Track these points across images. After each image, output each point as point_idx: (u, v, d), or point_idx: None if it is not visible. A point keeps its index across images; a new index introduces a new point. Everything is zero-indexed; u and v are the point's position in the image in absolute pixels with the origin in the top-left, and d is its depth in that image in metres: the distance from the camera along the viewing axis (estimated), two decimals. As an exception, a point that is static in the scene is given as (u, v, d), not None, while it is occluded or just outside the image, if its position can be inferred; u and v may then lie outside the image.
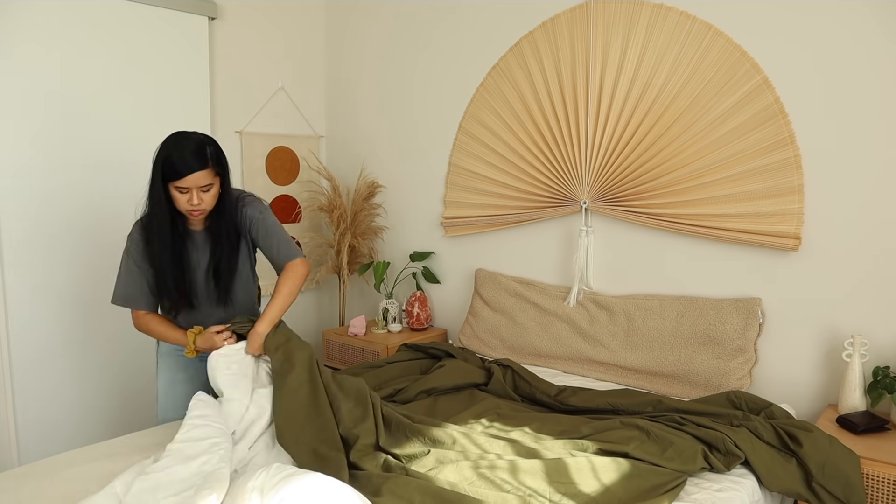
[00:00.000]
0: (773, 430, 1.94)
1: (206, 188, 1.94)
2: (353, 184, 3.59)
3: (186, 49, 3.06)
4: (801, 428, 1.91)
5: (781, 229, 2.34)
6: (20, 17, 2.55)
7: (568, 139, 2.80)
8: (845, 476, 1.80)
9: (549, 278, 2.97)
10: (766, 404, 2.11)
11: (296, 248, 2.17)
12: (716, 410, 2.07)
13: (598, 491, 1.64)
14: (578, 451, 1.83)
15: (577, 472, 1.70)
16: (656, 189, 2.61)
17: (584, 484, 1.67)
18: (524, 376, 2.42)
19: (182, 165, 1.88)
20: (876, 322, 2.23)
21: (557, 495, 1.62)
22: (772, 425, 1.95)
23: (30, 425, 2.67)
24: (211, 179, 1.95)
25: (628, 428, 1.94)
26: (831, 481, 1.80)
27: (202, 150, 1.92)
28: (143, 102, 2.93)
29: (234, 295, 2.15)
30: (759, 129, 2.37)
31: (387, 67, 3.50)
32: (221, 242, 2.06)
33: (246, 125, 3.39)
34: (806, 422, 1.97)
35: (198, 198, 1.93)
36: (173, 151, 1.90)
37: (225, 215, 2.06)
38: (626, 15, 2.63)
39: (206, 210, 1.99)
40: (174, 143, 1.92)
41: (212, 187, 1.96)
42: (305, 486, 1.42)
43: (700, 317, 2.47)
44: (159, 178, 1.92)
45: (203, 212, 1.98)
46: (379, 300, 3.54)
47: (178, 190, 1.92)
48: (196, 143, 1.93)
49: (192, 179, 1.89)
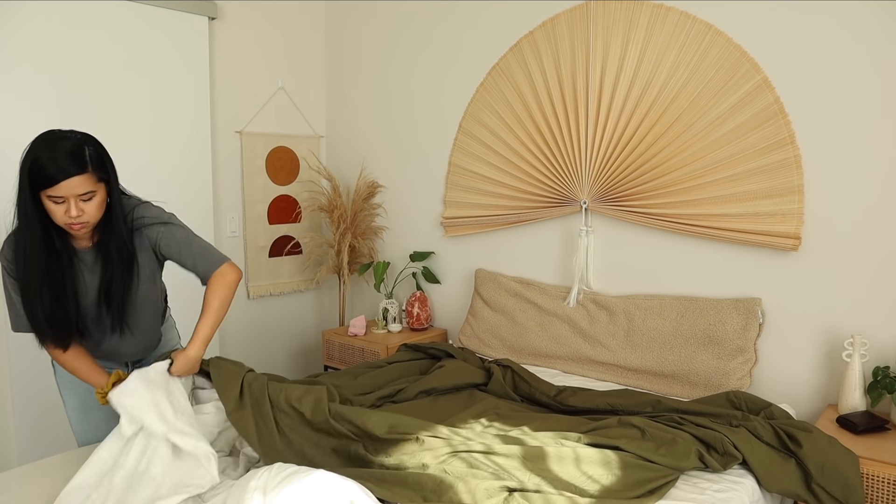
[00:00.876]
0: (772, 431, 1.93)
1: (86, 197, 1.63)
2: (353, 184, 3.59)
3: (186, 49, 3.06)
4: (801, 428, 1.91)
5: (781, 229, 2.34)
6: (20, 17, 2.55)
7: (568, 139, 2.80)
8: (844, 477, 1.80)
9: (549, 278, 2.97)
10: (766, 404, 2.11)
11: (217, 253, 1.88)
12: (715, 411, 2.06)
13: (576, 478, 1.63)
14: (568, 442, 1.82)
15: (558, 460, 1.68)
16: (656, 189, 2.60)
17: (563, 472, 1.65)
18: (524, 377, 2.42)
19: (54, 169, 1.57)
20: (876, 322, 2.23)
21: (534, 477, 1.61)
22: (771, 426, 1.95)
23: (30, 425, 2.67)
24: (92, 186, 1.63)
25: (625, 426, 1.94)
26: (830, 482, 1.79)
27: (79, 152, 1.61)
28: (143, 102, 2.93)
29: (133, 319, 1.87)
30: (759, 129, 2.37)
31: (387, 67, 3.50)
32: (112, 260, 1.76)
33: (246, 125, 3.39)
34: (805, 422, 1.97)
35: (77, 209, 1.61)
36: (42, 153, 1.58)
37: (114, 229, 1.74)
38: (626, 15, 2.63)
39: (90, 223, 1.68)
40: (44, 144, 1.60)
41: (94, 196, 1.65)
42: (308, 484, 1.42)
43: (700, 317, 2.47)
44: (27, 187, 1.59)
45: (85, 225, 1.66)
46: (379, 300, 3.54)
47: (53, 200, 1.60)
48: (72, 143, 1.62)
49: (67, 186, 1.58)
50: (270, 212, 3.52)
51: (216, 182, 3.27)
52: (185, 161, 3.09)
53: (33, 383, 2.67)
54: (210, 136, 3.19)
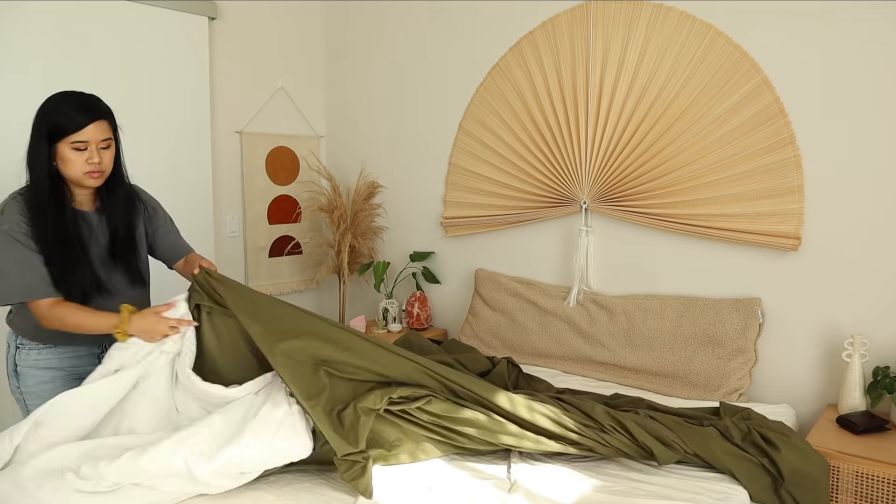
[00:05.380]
0: (745, 433, 1.88)
1: (104, 144, 1.73)
2: (353, 184, 3.59)
3: (186, 49, 3.06)
4: (778, 431, 1.87)
5: (781, 229, 2.34)
6: (20, 17, 2.55)
7: (568, 139, 2.80)
8: (815, 483, 1.76)
9: (549, 278, 2.97)
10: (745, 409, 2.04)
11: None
12: (692, 413, 2.03)
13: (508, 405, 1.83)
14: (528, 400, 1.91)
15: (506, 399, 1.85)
16: (656, 189, 2.60)
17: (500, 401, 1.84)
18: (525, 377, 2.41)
19: (79, 115, 1.67)
20: (876, 322, 2.23)
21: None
22: (748, 426, 1.90)
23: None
24: (110, 134, 1.76)
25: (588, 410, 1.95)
26: (801, 489, 1.75)
27: (98, 101, 1.74)
28: (143, 102, 2.93)
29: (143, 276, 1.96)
30: (759, 129, 2.37)
31: (387, 67, 3.50)
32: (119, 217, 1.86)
33: (246, 125, 3.39)
34: (783, 424, 1.94)
35: (98, 155, 1.71)
36: (64, 104, 1.68)
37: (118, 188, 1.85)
38: (626, 15, 2.63)
39: (105, 172, 1.77)
40: (63, 97, 1.71)
41: (110, 144, 1.76)
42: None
43: (700, 317, 2.47)
44: (44, 140, 1.67)
45: (103, 175, 1.76)
46: (379, 300, 3.54)
47: (75, 147, 1.68)
48: (88, 95, 1.75)
49: (91, 130, 1.68)
50: (270, 212, 3.52)
51: (216, 182, 3.26)
52: (185, 161, 3.08)
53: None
54: (210, 137, 3.19)
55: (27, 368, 1.88)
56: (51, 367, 1.89)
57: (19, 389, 1.89)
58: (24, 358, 1.88)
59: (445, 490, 1.68)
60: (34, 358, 1.88)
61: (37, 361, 1.88)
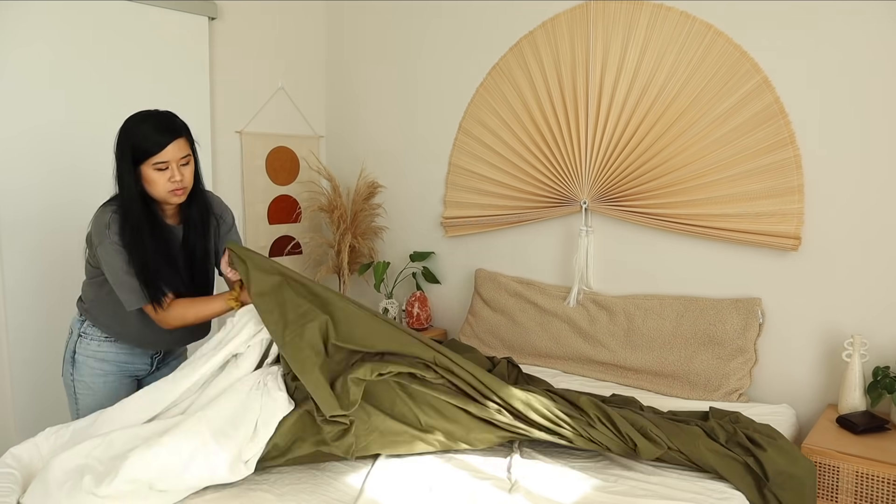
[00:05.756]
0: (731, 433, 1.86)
1: (184, 160, 1.80)
2: (353, 184, 3.59)
3: (186, 49, 3.06)
4: (766, 434, 1.86)
5: (781, 229, 2.34)
6: (19, 17, 2.55)
7: (568, 139, 2.80)
8: (801, 486, 1.74)
9: (549, 278, 2.97)
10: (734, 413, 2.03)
11: None
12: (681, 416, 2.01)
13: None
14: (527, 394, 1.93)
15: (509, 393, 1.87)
16: (656, 189, 2.60)
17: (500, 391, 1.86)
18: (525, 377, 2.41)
19: (158, 136, 1.74)
20: (876, 322, 2.23)
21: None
22: (734, 428, 1.89)
23: (29, 424, 2.67)
24: (188, 150, 1.82)
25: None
26: (785, 491, 1.73)
27: (174, 118, 1.81)
28: (143, 102, 2.89)
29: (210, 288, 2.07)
30: (759, 129, 2.37)
31: (387, 67, 3.50)
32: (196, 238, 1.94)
33: (246, 125, 3.39)
34: (770, 426, 1.92)
35: (179, 172, 1.78)
36: (142, 126, 1.76)
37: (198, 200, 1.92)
38: (626, 15, 2.63)
39: (188, 188, 1.85)
40: (140, 119, 1.78)
41: (189, 160, 1.83)
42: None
43: (700, 317, 2.47)
44: (129, 163, 1.75)
45: (185, 190, 1.84)
46: (379, 300, 3.54)
47: (157, 167, 1.76)
48: (163, 114, 1.81)
49: (171, 150, 1.76)
50: (270, 212, 3.52)
51: (216, 182, 3.26)
52: (185, 161, 3.09)
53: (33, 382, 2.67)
54: (210, 137, 3.19)
55: (85, 358, 1.97)
56: (107, 360, 1.99)
57: (72, 377, 1.98)
58: (85, 347, 1.97)
59: (445, 490, 1.68)
60: (94, 349, 1.97)
61: (95, 353, 1.98)
